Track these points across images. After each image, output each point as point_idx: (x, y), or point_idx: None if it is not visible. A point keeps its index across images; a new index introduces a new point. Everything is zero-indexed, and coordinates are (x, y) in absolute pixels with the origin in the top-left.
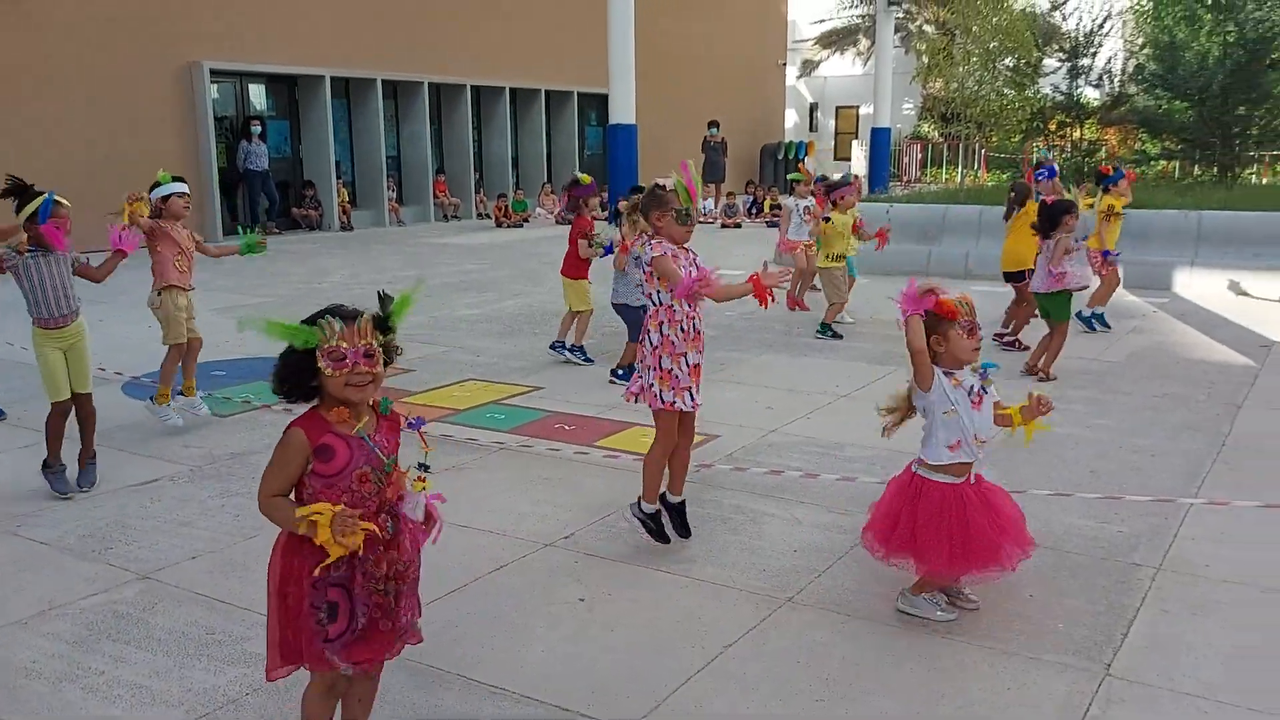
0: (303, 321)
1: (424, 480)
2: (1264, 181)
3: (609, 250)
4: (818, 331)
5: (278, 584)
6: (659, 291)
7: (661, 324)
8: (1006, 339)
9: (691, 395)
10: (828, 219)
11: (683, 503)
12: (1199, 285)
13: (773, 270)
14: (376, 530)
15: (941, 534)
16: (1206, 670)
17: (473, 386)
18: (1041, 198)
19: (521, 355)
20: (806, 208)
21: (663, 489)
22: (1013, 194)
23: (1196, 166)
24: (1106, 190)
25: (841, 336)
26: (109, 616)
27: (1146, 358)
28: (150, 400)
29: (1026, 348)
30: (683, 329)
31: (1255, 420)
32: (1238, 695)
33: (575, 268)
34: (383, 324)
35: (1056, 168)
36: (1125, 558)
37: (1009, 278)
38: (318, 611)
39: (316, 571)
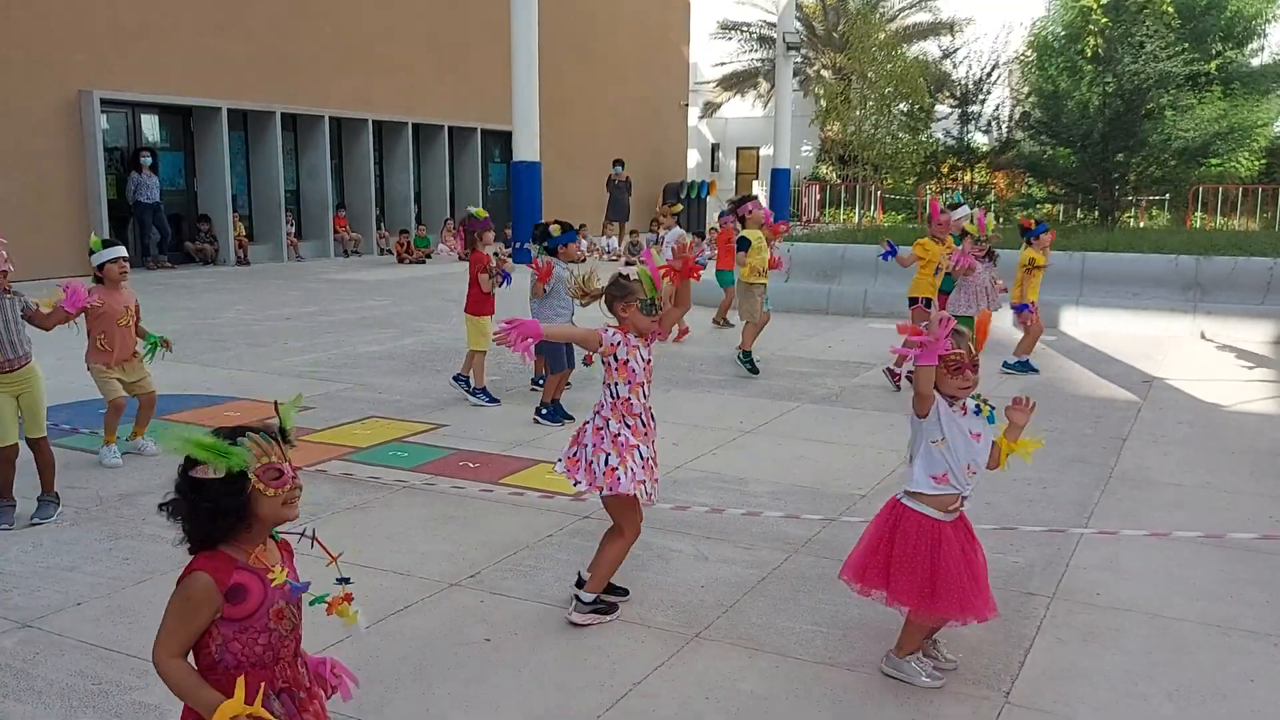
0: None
1: (348, 600)
2: (1141, 225)
3: (507, 278)
4: (741, 359)
5: None
6: (617, 384)
7: (623, 416)
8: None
9: (646, 490)
10: (744, 240)
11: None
12: (1084, 323)
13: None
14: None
15: (914, 568)
16: (1099, 695)
17: (374, 424)
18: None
19: (425, 392)
20: (675, 241)
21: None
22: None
23: (1079, 210)
24: (1029, 244)
25: (758, 372)
26: None
27: (1037, 393)
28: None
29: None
30: (643, 421)
31: (1139, 453)
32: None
33: (478, 304)
34: (285, 435)
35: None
36: (1021, 587)
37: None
38: None
39: None
